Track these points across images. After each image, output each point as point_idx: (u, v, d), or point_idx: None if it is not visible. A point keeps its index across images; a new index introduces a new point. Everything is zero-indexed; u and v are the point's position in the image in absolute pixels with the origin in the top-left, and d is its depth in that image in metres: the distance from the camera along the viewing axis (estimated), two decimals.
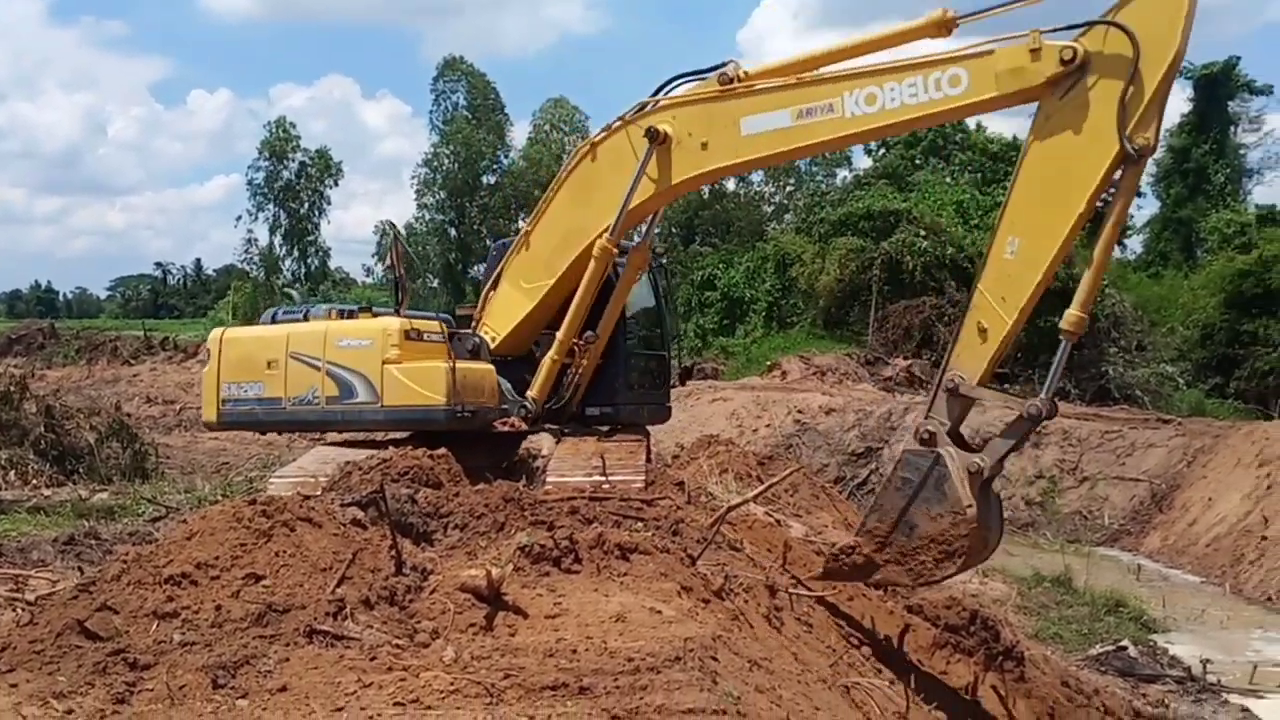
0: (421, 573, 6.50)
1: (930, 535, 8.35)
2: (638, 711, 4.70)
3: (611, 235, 10.95)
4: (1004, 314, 8.44)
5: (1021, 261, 8.36)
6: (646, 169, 10.55)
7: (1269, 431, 23.92)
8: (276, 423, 12.15)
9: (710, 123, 10.20)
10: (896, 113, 9.10)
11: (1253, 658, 14.96)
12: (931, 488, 8.39)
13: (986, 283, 8.59)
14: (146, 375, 39.89)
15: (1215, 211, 47.88)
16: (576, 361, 11.65)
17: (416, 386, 10.76)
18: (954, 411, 8.65)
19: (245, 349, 11.92)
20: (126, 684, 5.10)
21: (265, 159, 74.33)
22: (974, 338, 8.62)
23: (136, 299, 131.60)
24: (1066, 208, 8.21)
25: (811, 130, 9.55)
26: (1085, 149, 8.11)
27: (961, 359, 8.69)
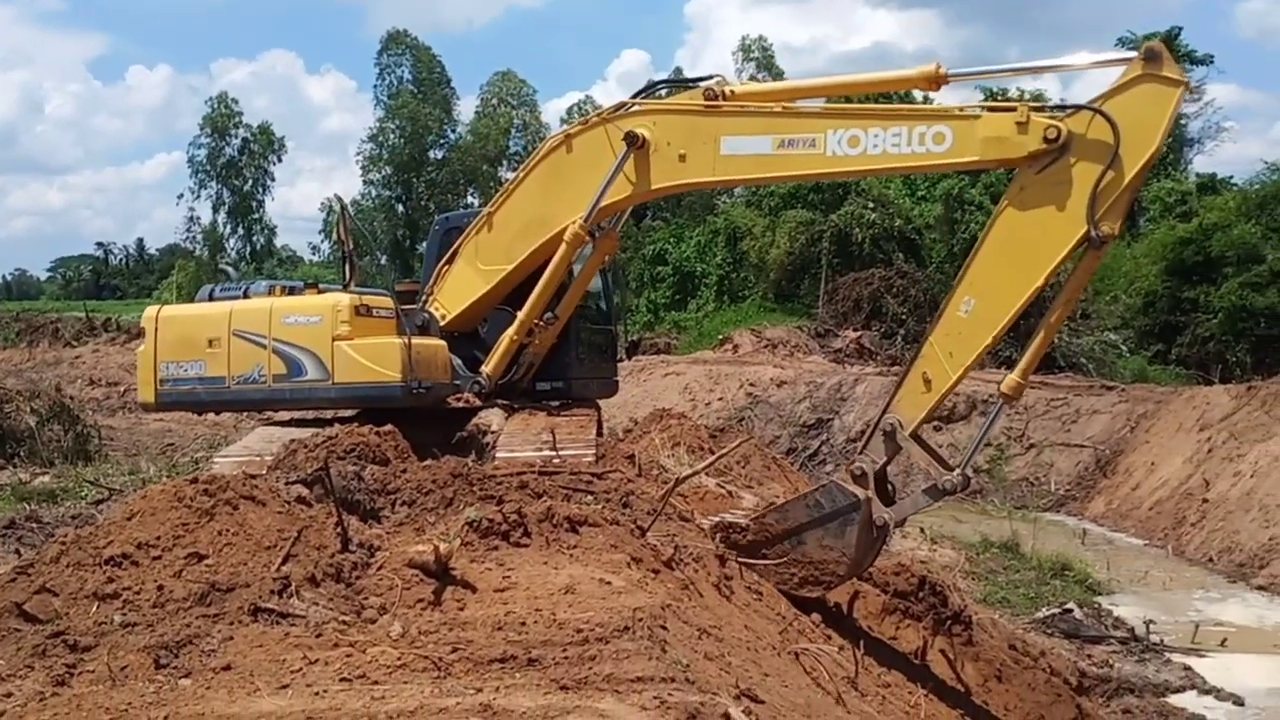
0: (368, 549, 6.44)
1: (812, 559, 8.74)
2: (586, 681, 4.69)
3: (585, 222, 10.89)
4: (949, 369, 8.66)
5: (974, 321, 8.59)
6: (624, 170, 10.52)
7: (1209, 397, 24.41)
8: (220, 402, 11.80)
9: (690, 136, 10.15)
10: (877, 159, 9.23)
11: (1194, 618, 15.31)
12: (837, 524, 8.73)
13: (938, 336, 8.76)
14: (89, 357, 39.21)
15: (1157, 181, 48.51)
16: (534, 341, 11.64)
17: (370, 363, 10.58)
18: (887, 452, 8.87)
19: (184, 327, 11.57)
20: (67, 666, 5.01)
21: (207, 135, 73.25)
22: (918, 386, 8.84)
23: (78, 280, 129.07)
24: (1026, 278, 8.42)
25: (790, 161, 9.57)
26: (1054, 226, 8.32)
27: (902, 404, 8.88)
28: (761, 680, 5.76)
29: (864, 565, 9.20)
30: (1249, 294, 33.71)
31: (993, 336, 8.61)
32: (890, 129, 9.03)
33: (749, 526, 8.98)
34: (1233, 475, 20.56)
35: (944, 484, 8.65)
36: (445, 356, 11.38)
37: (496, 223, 11.62)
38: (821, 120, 9.46)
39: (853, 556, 8.69)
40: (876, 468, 8.85)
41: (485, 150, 70.78)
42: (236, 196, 74.65)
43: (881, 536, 8.98)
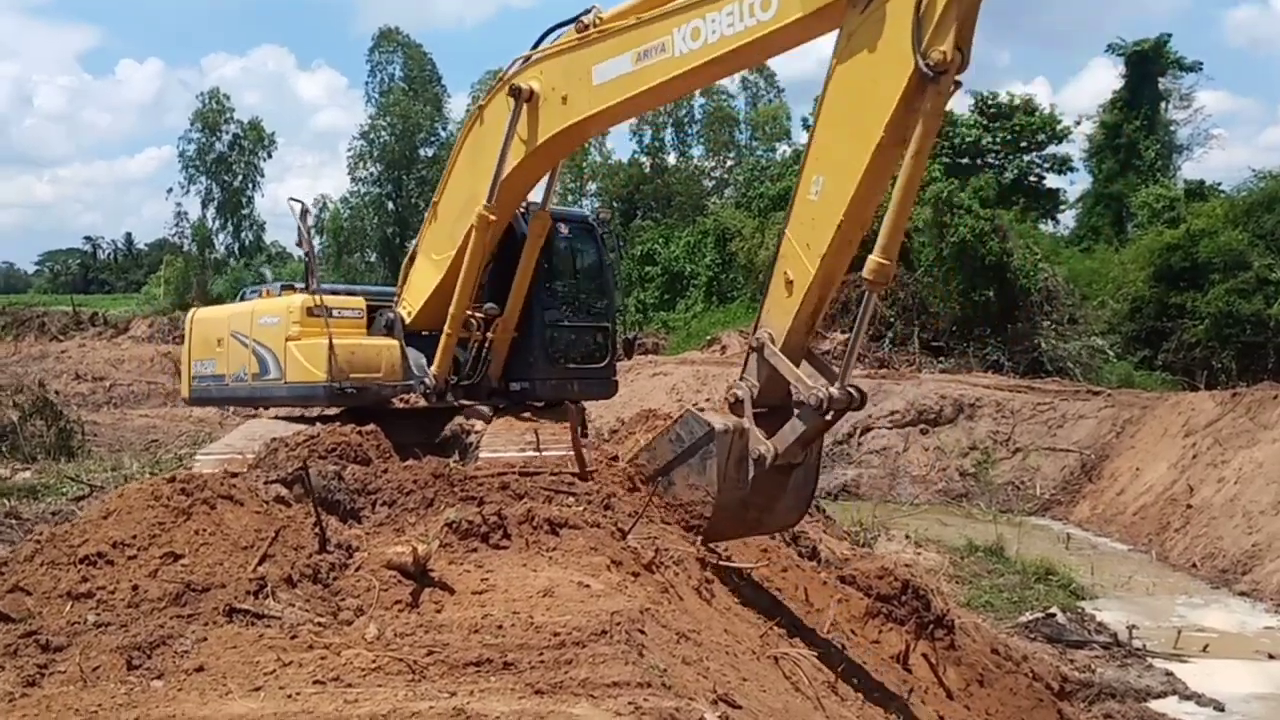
0: (347, 550, 6.41)
1: (680, 499, 8.17)
2: (562, 685, 4.67)
3: (490, 203, 10.68)
4: (809, 263, 7.68)
5: (825, 203, 7.62)
6: (517, 130, 10.22)
7: (1194, 403, 24.46)
8: (223, 398, 12.58)
9: (569, 75, 9.88)
10: (717, 46, 8.63)
11: (1177, 623, 15.33)
12: (698, 458, 8.01)
13: (792, 228, 7.87)
14: (75, 351, 39.01)
15: (1145, 187, 48.60)
16: (476, 335, 11.37)
17: (306, 363, 10.81)
18: (762, 374, 7.99)
19: (206, 328, 12.31)
20: (38, 666, 4.98)
21: (197, 130, 72.97)
22: (781, 291, 7.89)
23: (66, 274, 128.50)
24: (865, 138, 7.41)
25: (649, 73, 9.17)
26: (881, 69, 7.38)
27: (770, 315, 7.98)
28: (740, 685, 5.73)
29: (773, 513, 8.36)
30: (1235, 300, 33.79)
31: (845, 213, 7.51)
32: (724, 9, 8.52)
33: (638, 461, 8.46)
34: (1217, 481, 20.61)
35: (810, 399, 7.55)
36: (392, 357, 11.29)
37: (440, 212, 11.52)
38: (667, 22, 9.04)
39: (719, 494, 7.85)
40: (754, 392, 7.98)
41: None
42: (226, 192, 74.40)
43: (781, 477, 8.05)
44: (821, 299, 7.87)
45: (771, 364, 7.86)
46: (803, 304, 7.77)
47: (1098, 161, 54.84)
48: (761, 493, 8.10)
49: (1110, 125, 53.87)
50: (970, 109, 57.24)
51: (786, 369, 7.79)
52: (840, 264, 7.78)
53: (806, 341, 8.05)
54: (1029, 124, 55.62)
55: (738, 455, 7.86)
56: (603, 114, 9.94)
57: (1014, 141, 56.03)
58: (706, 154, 71.26)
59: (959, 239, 35.51)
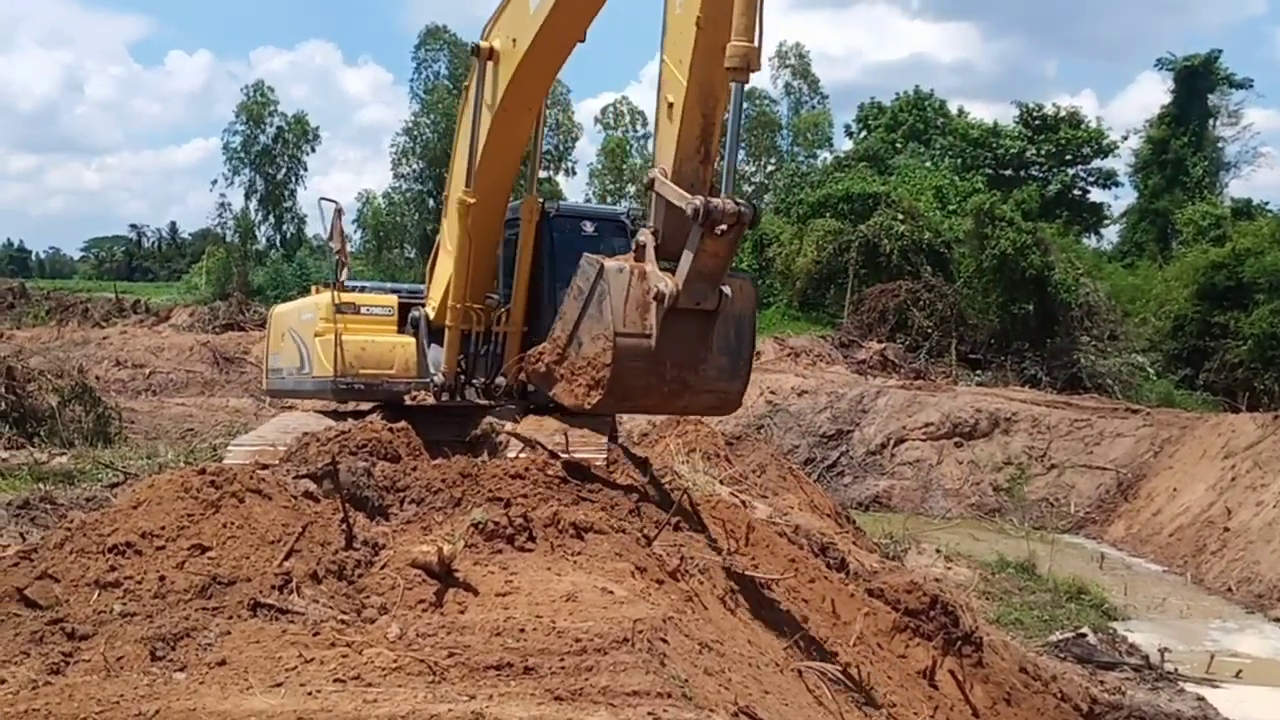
0: (373, 547, 6.42)
1: (588, 357, 7.53)
2: (581, 693, 4.64)
3: (467, 185, 10.61)
4: (681, 77, 7.33)
5: (685, 10, 7.31)
6: (484, 96, 10.16)
7: (1235, 424, 24.08)
8: (284, 391, 12.89)
9: (516, 18, 9.86)
10: None
11: (1210, 647, 15.11)
12: (595, 304, 7.46)
13: (666, 49, 7.54)
14: (116, 338, 39.42)
15: (1191, 204, 48.02)
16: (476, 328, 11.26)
17: (322, 357, 10.99)
18: (660, 214, 7.50)
19: (278, 323, 12.80)
20: (63, 654, 5.02)
21: (243, 123, 73.60)
22: (665, 119, 7.52)
23: (110, 261, 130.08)
24: None
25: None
26: None
27: (660, 150, 7.58)
28: (762, 698, 5.69)
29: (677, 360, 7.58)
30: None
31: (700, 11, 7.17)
32: None
33: (544, 348, 8.01)
34: (1255, 505, 20.28)
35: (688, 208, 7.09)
36: (406, 354, 11.33)
37: (449, 204, 11.51)
38: None
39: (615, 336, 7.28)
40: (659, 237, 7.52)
41: None
42: (269, 184, 75.01)
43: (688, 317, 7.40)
44: (707, 119, 7.42)
45: (662, 196, 7.42)
46: (684, 124, 7.37)
47: (1144, 177, 54.29)
48: (676, 346, 7.48)
49: (1157, 140, 53.30)
50: (1015, 120, 56.83)
51: (671, 192, 7.34)
52: (712, 74, 7.26)
53: (704, 174, 7.50)
54: (1074, 137, 55.17)
55: (638, 298, 7.34)
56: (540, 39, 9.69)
57: (1059, 154, 55.60)
58: (747, 159, 71.16)
59: (1000, 251, 35.22)
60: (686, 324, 7.42)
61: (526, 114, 10.88)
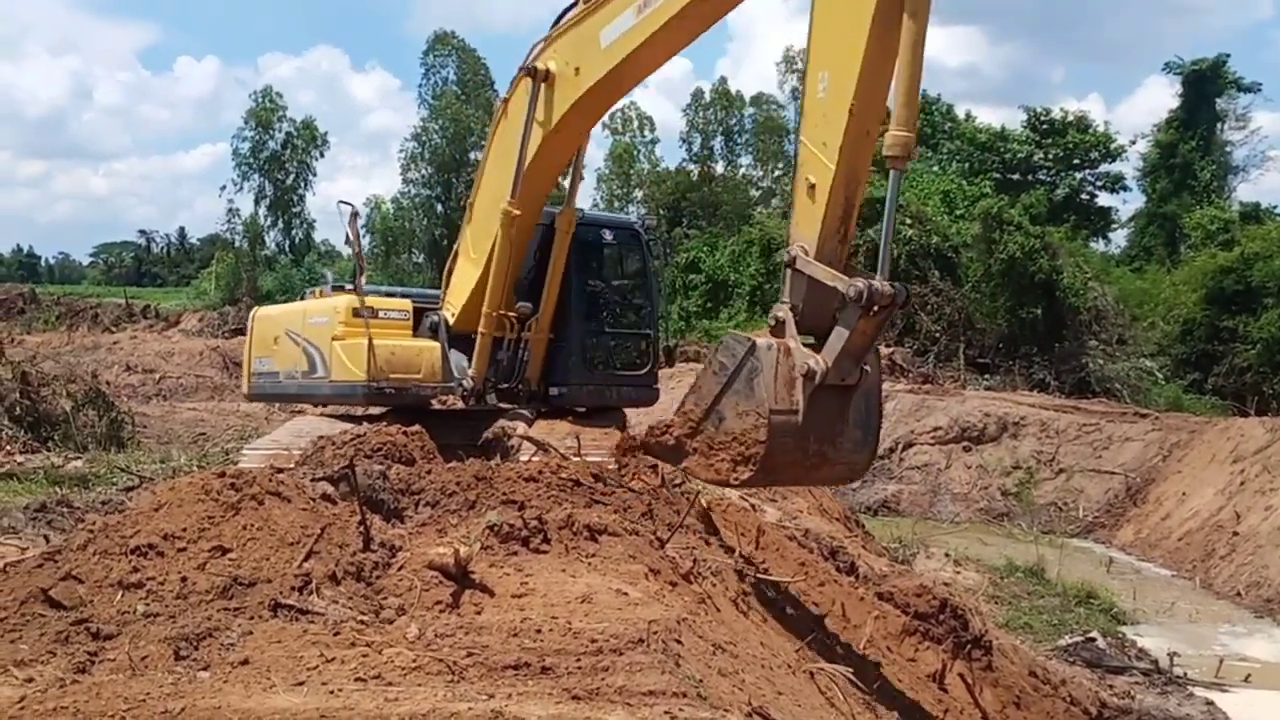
0: (390, 549, 6.49)
1: (733, 433, 7.57)
2: (598, 692, 4.71)
3: (513, 197, 10.73)
4: (826, 160, 7.42)
5: (832, 96, 7.41)
6: (535, 114, 10.32)
7: (1244, 428, 24.09)
8: (278, 395, 12.84)
9: (579, 46, 9.99)
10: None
11: (1219, 652, 15.11)
12: (743, 380, 7.51)
13: (806, 130, 7.65)
14: (127, 343, 39.59)
15: (1199, 208, 48.01)
16: (510, 335, 11.42)
17: (348, 363, 10.94)
18: (800, 291, 7.60)
19: (265, 326, 12.59)
20: (88, 654, 5.09)
21: (251, 128, 73.82)
22: (805, 200, 7.64)
23: (119, 266, 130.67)
24: (858, 19, 7.21)
25: (651, 20, 9.21)
26: None
27: (799, 227, 7.69)
28: (775, 699, 5.75)
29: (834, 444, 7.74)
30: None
31: (855, 98, 7.27)
32: None
33: (672, 421, 8.02)
34: (1264, 509, 20.28)
35: (850, 292, 7.22)
36: (432, 358, 11.40)
37: (476, 211, 11.62)
38: None
39: (770, 414, 7.35)
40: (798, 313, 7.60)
41: None
42: (278, 190, 75.23)
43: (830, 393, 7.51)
44: (849, 200, 7.59)
45: (807, 274, 7.51)
46: (829, 206, 7.48)
47: (1151, 181, 54.28)
48: (820, 421, 7.58)
49: (1165, 145, 53.30)
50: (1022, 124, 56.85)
51: (822, 273, 7.44)
52: (860, 157, 7.52)
53: (842, 252, 7.68)
54: (1082, 141, 55.18)
55: (786, 375, 7.43)
56: (613, 76, 9.98)
57: (1066, 158, 55.60)
58: (755, 163, 71.28)
59: (1008, 255, 35.23)
60: (829, 399, 7.57)
61: (581, 135, 11.15)
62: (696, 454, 7.81)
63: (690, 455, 7.85)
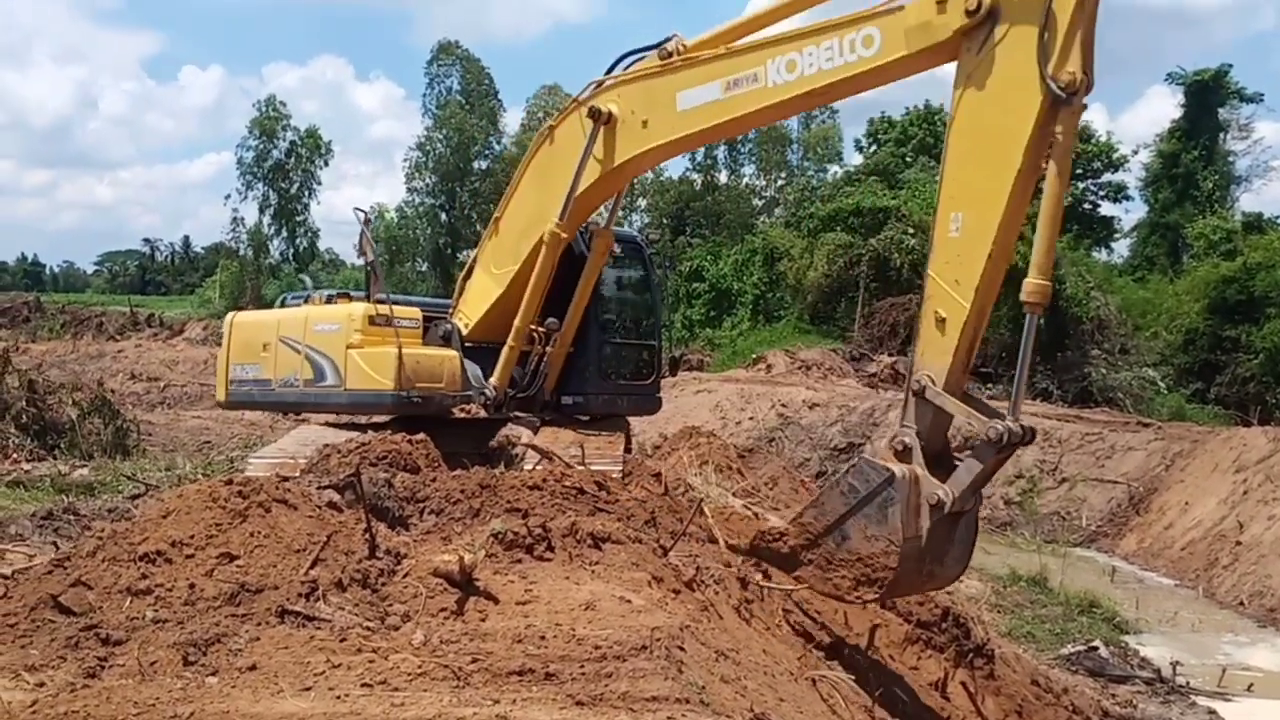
0: (395, 556, 6.54)
1: (859, 554, 7.80)
2: (602, 698, 4.76)
3: (561, 220, 10.85)
4: (960, 299, 7.69)
5: (968, 238, 7.66)
6: (593, 151, 10.41)
7: (1247, 438, 24.10)
8: (268, 403, 12.58)
9: (650, 100, 10.03)
10: (814, 79, 8.70)
11: (1222, 661, 15.13)
12: (876, 506, 7.73)
13: (936, 267, 7.87)
14: (131, 351, 39.76)
15: (1202, 217, 48.05)
16: (537, 349, 11.56)
17: (371, 371, 10.89)
18: (926, 417, 7.88)
19: (248, 332, 12.31)
20: (98, 659, 5.15)
21: (255, 137, 74.09)
22: (933, 331, 7.87)
23: (124, 275, 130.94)
24: (1003, 169, 7.49)
25: (739, 102, 9.27)
26: (1010, 102, 7.46)
27: (925, 356, 7.93)
28: (777, 705, 5.80)
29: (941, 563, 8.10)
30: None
31: (993, 244, 7.58)
32: (823, 44, 8.56)
33: (788, 530, 8.23)
34: (1268, 519, 20.29)
35: (989, 433, 7.51)
36: (453, 366, 11.43)
37: (503, 226, 11.68)
38: (760, 53, 9.13)
39: (903, 542, 7.58)
40: (921, 438, 7.85)
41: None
42: (282, 199, 75.43)
43: (951, 525, 7.88)
44: (976, 332, 7.90)
45: (936, 405, 7.80)
46: (960, 340, 7.75)
47: (1154, 191, 54.32)
48: (934, 543, 7.90)
49: (1168, 155, 53.35)
50: None
51: (956, 408, 7.78)
52: (991, 295, 7.85)
53: (965, 379, 7.98)
54: (1085, 151, 55.16)
55: (914, 503, 7.71)
56: (686, 139, 10.22)
57: None
58: (758, 173, 71.35)
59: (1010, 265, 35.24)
60: (945, 524, 7.89)
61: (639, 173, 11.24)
62: (813, 566, 8.06)
63: (805, 566, 8.10)
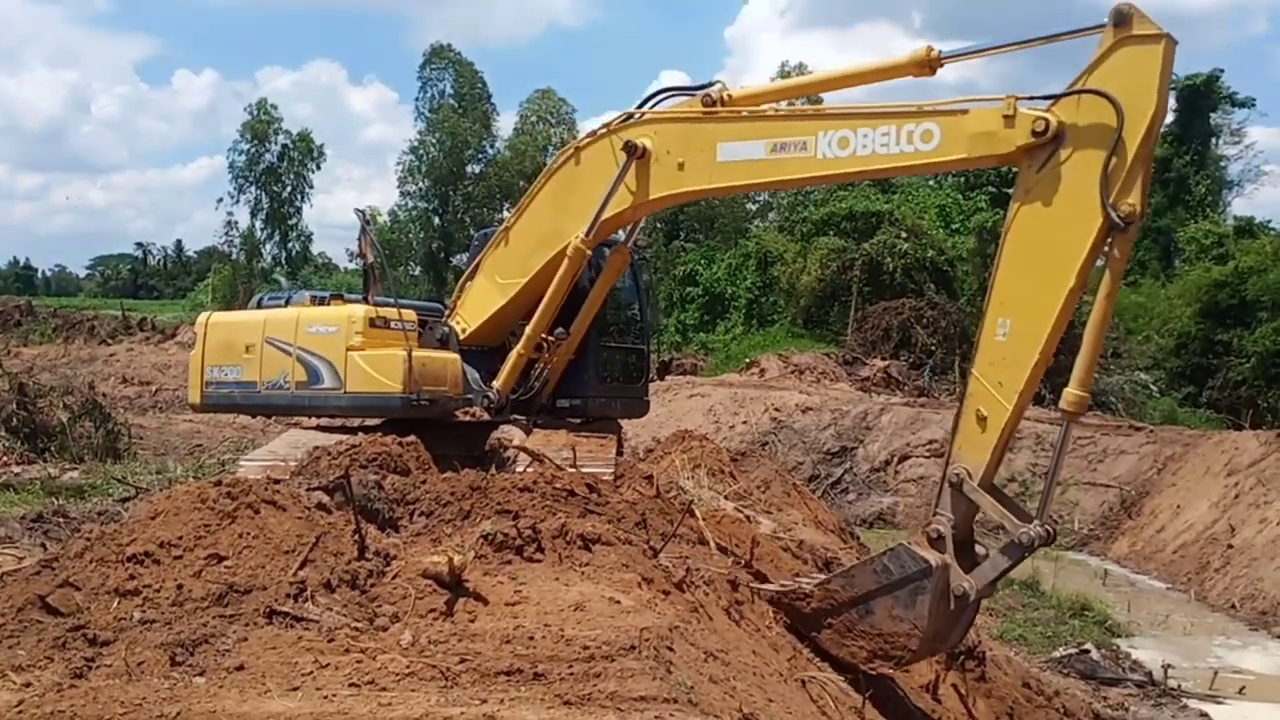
0: (384, 558, 6.53)
1: (881, 630, 8.11)
2: (590, 698, 4.76)
3: (587, 238, 10.92)
4: (1003, 400, 7.94)
5: (1015, 344, 7.94)
6: (625, 180, 10.55)
7: (1238, 441, 24.16)
8: (252, 406, 12.26)
9: (688, 144, 10.06)
10: (867, 160, 8.83)
11: (1213, 664, 15.15)
12: (907, 592, 8.02)
13: (981, 367, 8.11)
14: (123, 355, 39.68)
15: (1194, 222, 48.19)
16: (545, 357, 11.64)
17: (375, 373, 10.81)
18: (960, 508, 8.13)
19: (227, 333, 12.03)
20: (85, 659, 5.14)
21: (247, 141, 73.97)
22: (973, 427, 8.11)
23: (116, 278, 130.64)
24: (1056, 284, 7.78)
25: (783, 166, 9.35)
26: (1069, 221, 7.71)
27: (963, 451, 8.17)
28: (766, 706, 5.80)
29: (946, 640, 8.61)
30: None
31: (1039, 353, 7.86)
32: (879, 129, 8.67)
33: (813, 593, 8.41)
34: (1259, 522, 20.34)
35: (1021, 538, 7.85)
36: (456, 369, 11.44)
37: (513, 237, 11.70)
38: (812, 123, 9.19)
39: (926, 629, 7.95)
40: (953, 528, 8.12)
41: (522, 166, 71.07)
42: (275, 202, 75.32)
43: (963, 608, 8.21)
44: (1012, 431, 8.15)
45: (970, 500, 8.05)
46: (999, 439, 8.01)
47: None
48: (947, 623, 8.27)
49: (1160, 159, 53.41)
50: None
51: (991, 507, 8.04)
52: (1029, 397, 8.08)
53: (994, 473, 8.25)
54: None
55: (942, 590, 8.01)
56: (721, 189, 10.56)
57: None
58: None
59: None
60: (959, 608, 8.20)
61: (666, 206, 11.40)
62: (832, 630, 8.29)
63: (825, 630, 8.33)
